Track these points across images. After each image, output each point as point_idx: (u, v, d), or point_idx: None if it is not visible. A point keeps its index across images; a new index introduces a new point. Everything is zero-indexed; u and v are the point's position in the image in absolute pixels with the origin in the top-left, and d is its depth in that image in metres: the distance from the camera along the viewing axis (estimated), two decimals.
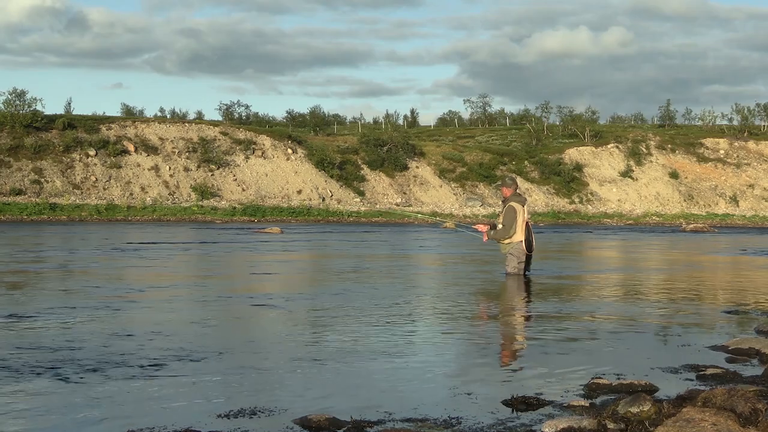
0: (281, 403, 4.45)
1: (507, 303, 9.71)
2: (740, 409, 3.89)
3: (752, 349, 6.01)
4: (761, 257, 19.52)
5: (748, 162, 69.11)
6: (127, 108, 73.57)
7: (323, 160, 57.16)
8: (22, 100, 51.93)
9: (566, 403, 4.46)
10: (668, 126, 76.80)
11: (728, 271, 16.06)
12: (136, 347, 5.97)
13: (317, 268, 14.82)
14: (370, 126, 76.20)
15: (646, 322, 7.73)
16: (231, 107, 71.87)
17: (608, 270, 15.05)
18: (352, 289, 10.26)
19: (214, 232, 31.23)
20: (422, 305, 9.08)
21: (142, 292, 9.92)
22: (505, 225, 11.76)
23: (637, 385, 4.82)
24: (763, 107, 74.80)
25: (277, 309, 8.56)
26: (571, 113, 75.17)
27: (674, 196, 65.04)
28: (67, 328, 6.86)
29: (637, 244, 26.93)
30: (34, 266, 14.08)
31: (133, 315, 7.84)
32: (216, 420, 4.11)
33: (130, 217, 46.73)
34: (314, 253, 19.83)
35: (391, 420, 4.13)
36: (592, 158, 66.76)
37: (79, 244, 21.26)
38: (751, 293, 10.60)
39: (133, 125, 55.82)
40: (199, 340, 6.39)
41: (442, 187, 59.81)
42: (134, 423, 4.03)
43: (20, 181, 48.10)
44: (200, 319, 7.63)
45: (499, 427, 4.04)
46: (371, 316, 7.86)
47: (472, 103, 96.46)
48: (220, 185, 53.83)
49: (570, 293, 10.47)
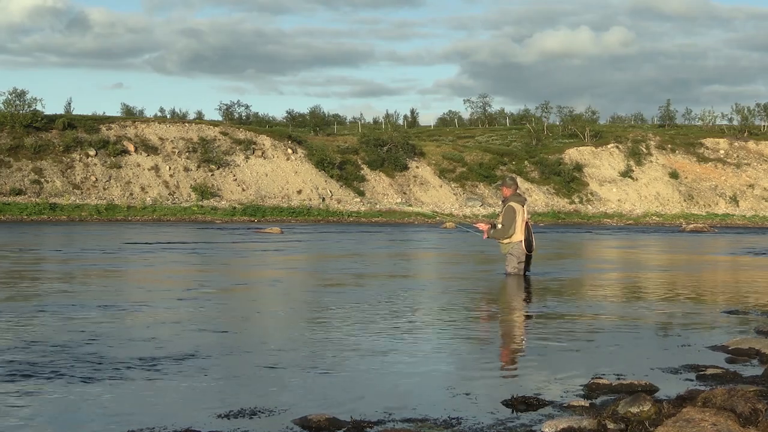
0: (281, 403, 4.45)
1: (507, 303, 9.71)
2: (740, 409, 3.89)
3: (752, 349, 6.01)
4: (761, 257, 19.52)
5: (748, 162, 69.11)
6: (127, 108, 73.59)
7: (323, 160, 57.15)
8: (22, 100, 51.94)
9: (566, 403, 4.46)
10: (668, 126, 76.80)
11: (728, 271, 16.06)
12: (136, 347, 5.97)
13: (317, 268, 14.81)
14: (370, 126, 76.19)
15: (646, 322, 7.73)
16: (231, 107, 71.88)
17: (608, 270, 15.05)
18: (351, 289, 10.26)
19: (214, 232, 31.23)
20: (422, 305, 9.08)
21: (142, 293, 9.92)
22: (504, 225, 11.76)
23: (637, 385, 4.82)
24: (763, 107, 74.79)
25: (276, 309, 8.57)
26: (571, 113, 75.19)
27: (674, 196, 65.05)
28: (67, 327, 6.86)
29: (637, 244, 26.93)
30: (33, 266, 14.09)
31: (134, 315, 7.83)
32: (216, 420, 4.11)
33: (130, 217, 46.73)
34: (314, 254, 19.82)
35: (391, 420, 4.13)
36: (592, 158, 66.77)
37: (83, 245, 21.26)
38: (751, 293, 10.60)
39: (133, 125, 55.82)
40: (199, 340, 6.39)
41: (442, 187, 59.81)
42: (134, 423, 4.03)
43: (20, 181, 48.11)
44: (200, 319, 7.63)
45: (499, 427, 4.04)
46: (371, 315, 7.86)
47: (472, 103, 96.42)
48: (220, 185, 53.83)
49: (570, 293, 10.47)
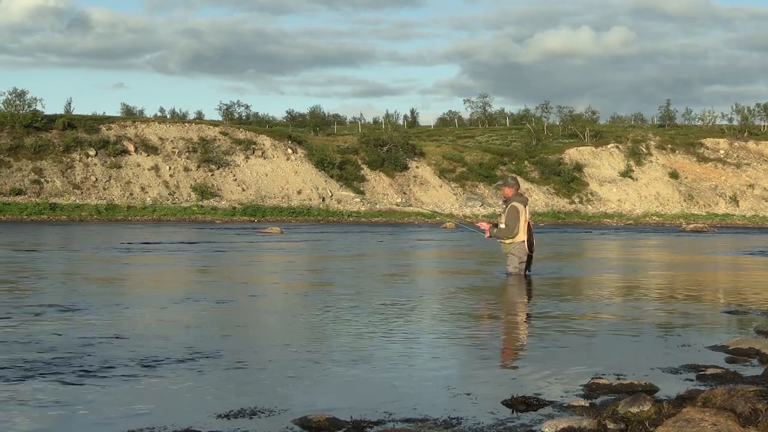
0: (281, 403, 4.44)
1: (507, 303, 9.71)
2: (740, 409, 3.89)
3: (752, 349, 6.01)
4: (761, 257, 19.51)
5: (748, 162, 69.12)
6: (127, 108, 73.62)
7: (323, 160, 57.15)
8: (22, 100, 51.96)
9: (566, 403, 4.46)
10: (668, 126, 76.81)
11: (728, 271, 16.06)
12: (136, 347, 5.96)
13: (317, 269, 14.81)
14: (370, 126, 76.21)
15: (646, 322, 7.73)
16: (231, 107, 71.92)
17: (608, 270, 15.05)
18: (351, 289, 10.25)
19: (214, 232, 31.23)
20: (422, 304, 9.07)
21: (142, 293, 9.92)
22: (509, 225, 11.73)
23: (637, 385, 4.82)
24: (763, 107, 74.83)
25: (276, 309, 8.57)
26: (571, 113, 75.21)
27: (674, 196, 65.04)
28: (67, 327, 6.86)
29: (637, 245, 26.92)
30: (33, 266, 14.08)
31: (134, 315, 7.83)
32: (216, 420, 4.11)
33: (130, 217, 46.73)
34: (314, 254, 19.82)
35: (391, 420, 4.13)
36: (592, 158, 66.77)
37: (83, 245, 21.26)
38: (751, 293, 10.60)
39: (133, 125, 55.82)
40: (199, 340, 6.39)
41: (442, 187, 59.81)
42: (134, 423, 4.03)
43: (20, 181, 48.10)
44: (200, 319, 7.63)
45: (499, 427, 4.04)
46: (371, 315, 7.86)
47: (472, 103, 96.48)
48: (220, 185, 53.83)
49: (570, 293, 10.47)
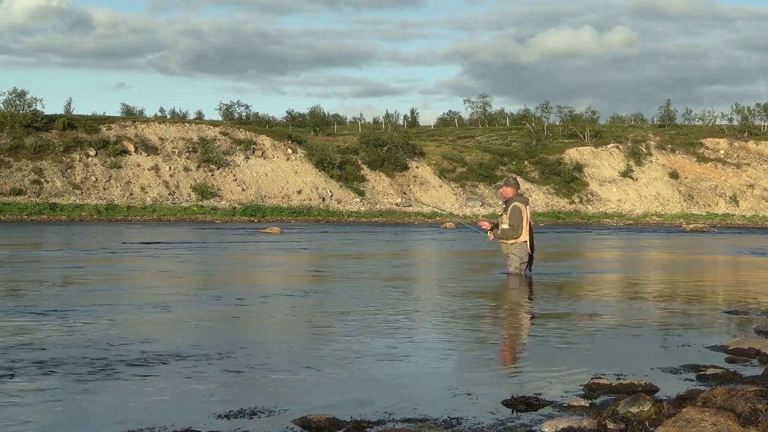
0: (281, 403, 4.44)
1: (508, 303, 9.71)
2: (740, 409, 3.89)
3: (752, 349, 6.01)
4: (761, 257, 19.51)
5: (748, 162, 69.13)
6: (127, 108, 73.62)
7: (323, 160, 57.17)
8: (22, 100, 52.00)
9: (566, 404, 4.45)
10: (668, 126, 76.83)
11: (728, 271, 16.05)
12: (136, 347, 5.96)
13: (317, 269, 14.81)
14: (370, 126, 76.25)
15: (646, 322, 7.72)
16: (231, 107, 71.93)
17: (608, 270, 15.05)
18: (351, 289, 10.25)
19: (214, 232, 31.22)
20: (422, 304, 9.07)
21: (142, 293, 9.92)
22: (513, 225, 11.72)
23: (637, 385, 4.81)
24: (763, 107, 74.86)
25: (276, 309, 8.56)
26: (571, 113, 75.23)
27: (674, 196, 65.05)
28: (67, 327, 6.86)
29: (637, 245, 26.92)
30: (32, 266, 14.08)
31: (133, 315, 7.83)
32: (216, 420, 4.11)
33: (130, 217, 46.73)
34: (314, 254, 19.82)
35: (391, 420, 4.13)
36: (592, 158, 66.79)
37: (83, 244, 21.26)
38: (751, 293, 10.59)
39: (133, 125, 55.84)
40: (199, 340, 6.39)
41: (442, 187, 59.83)
42: (134, 423, 4.02)
43: (20, 181, 48.11)
44: (200, 319, 7.63)
45: (499, 427, 4.03)
46: (371, 315, 7.86)
47: (472, 103, 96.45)
48: (220, 185, 53.84)
49: (570, 293, 10.46)
